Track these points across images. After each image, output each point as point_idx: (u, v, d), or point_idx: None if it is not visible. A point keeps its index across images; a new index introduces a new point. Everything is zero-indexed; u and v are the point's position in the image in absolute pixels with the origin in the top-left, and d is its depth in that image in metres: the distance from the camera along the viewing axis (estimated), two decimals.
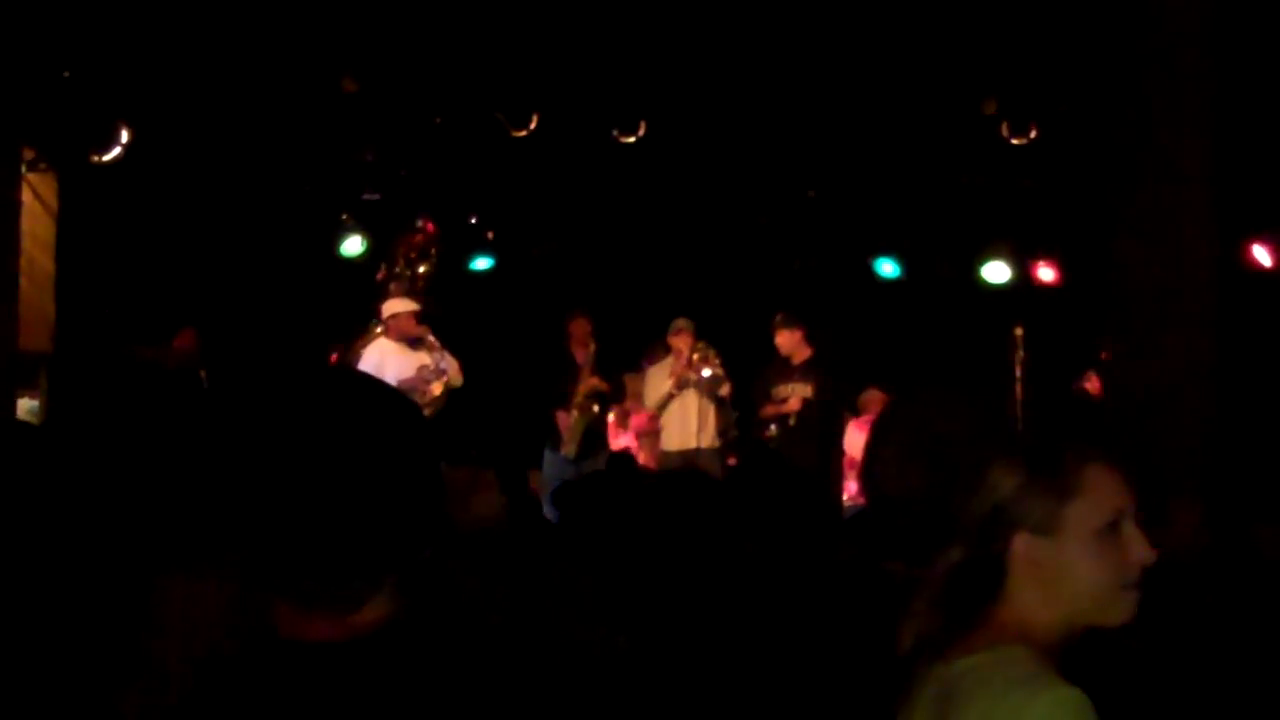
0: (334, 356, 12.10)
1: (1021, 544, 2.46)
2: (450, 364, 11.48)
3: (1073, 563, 2.45)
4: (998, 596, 2.48)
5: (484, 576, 4.09)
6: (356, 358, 11.59)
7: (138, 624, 2.97)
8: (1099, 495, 2.47)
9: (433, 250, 13.15)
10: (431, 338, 11.55)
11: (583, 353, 12.81)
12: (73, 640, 3.28)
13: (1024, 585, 2.46)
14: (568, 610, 4.00)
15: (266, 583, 1.87)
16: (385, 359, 11.33)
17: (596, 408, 12.73)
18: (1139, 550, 2.47)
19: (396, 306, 11.68)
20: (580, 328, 12.86)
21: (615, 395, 13.04)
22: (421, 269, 12.87)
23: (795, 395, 12.42)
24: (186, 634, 2.86)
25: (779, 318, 12.68)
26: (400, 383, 10.90)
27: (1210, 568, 4.78)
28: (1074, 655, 2.46)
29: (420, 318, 11.64)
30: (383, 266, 12.81)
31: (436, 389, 11.32)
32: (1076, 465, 2.49)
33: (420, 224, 13.35)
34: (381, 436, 1.88)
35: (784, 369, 12.58)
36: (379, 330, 11.77)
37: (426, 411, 10.91)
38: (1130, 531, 2.48)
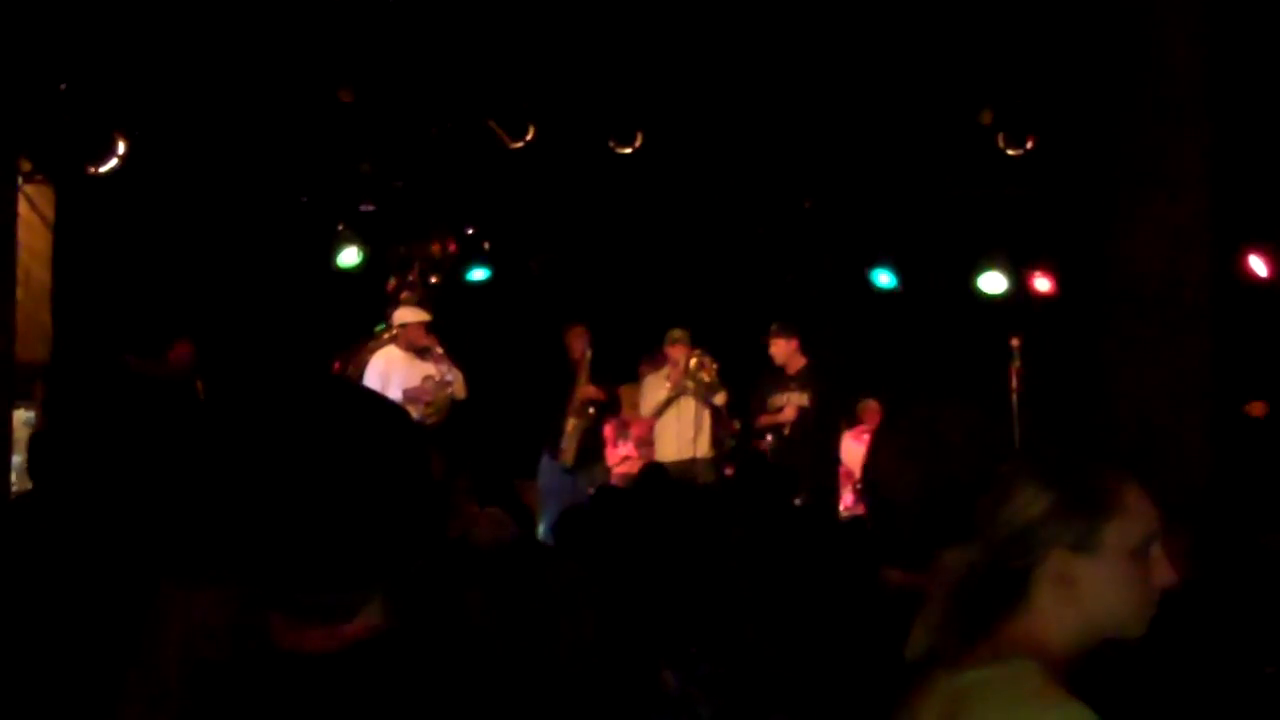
0: (337, 364, 12.13)
1: (1058, 561, 2.45)
2: (456, 376, 11.51)
3: (1106, 581, 2.45)
4: (1015, 610, 2.47)
5: (477, 587, 4.08)
6: (364, 363, 11.61)
7: (137, 635, 2.97)
8: (1135, 516, 2.47)
9: (447, 265, 13.20)
10: (439, 349, 11.57)
11: (580, 362, 12.84)
12: (73, 651, 3.28)
13: (1050, 601, 2.46)
14: (561, 621, 4.00)
15: (260, 593, 1.86)
16: (392, 366, 11.37)
17: (593, 411, 12.75)
18: (1163, 573, 2.48)
19: (408, 316, 11.72)
20: (578, 338, 12.88)
21: (611, 406, 13.05)
22: (433, 280, 12.92)
23: (791, 404, 12.44)
24: (184, 645, 2.86)
25: (774, 327, 12.72)
26: (405, 391, 10.94)
27: (1199, 597, 4.76)
28: (1082, 672, 2.45)
29: (429, 328, 11.68)
30: (394, 276, 12.85)
31: (440, 400, 11.33)
32: (1116, 485, 2.49)
33: (437, 235, 13.38)
34: (375, 448, 1.88)
35: (780, 379, 12.61)
36: (388, 337, 11.79)
37: (429, 422, 10.95)
38: (1157, 554, 2.49)
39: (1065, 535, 2.46)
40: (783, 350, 12.65)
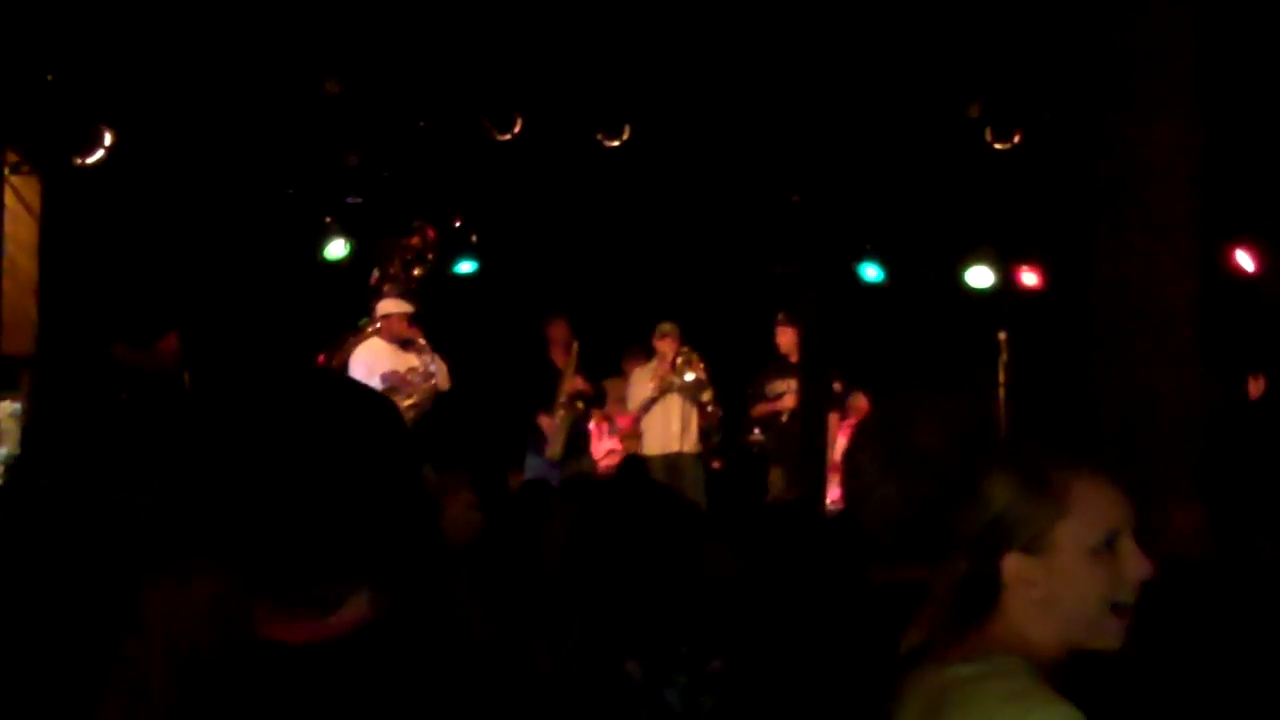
0: (321, 358, 12.10)
1: (1013, 564, 2.41)
2: (439, 368, 11.51)
3: (1065, 583, 2.40)
4: (992, 611, 2.44)
5: (464, 578, 4.08)
6: (347, 356, 11.60)
7: (121, 627, 2.96)
8: (1092, 512, 2.42)
9: (430, 255, 13.18)
10: (422, 340, 11.57)
11: (563, 356, 12.83)
12: (57, 643, 3.27)
13: (1017, 603, 2.42)
14: (548, 613, 4.00)
15: (245, 584, 1.86)
16: (376, 359, 11.38)
17: (581, 405, 12.75)
18: (1136, 566, 2.42)
19: (390, 307, 11.72)
20: (559, 331, 12.89)
21: (597, 399, 13.05)
22: (416, 272, 12.90)
23: (792, 392, 12.46)
24: (169, 636, 2.86)
25: (781, 316, 12.76)
26: (384, 377, 10.96)
27: (1211, 574, 4.76)
28: (1070, 669, 2.43)
29: (412, 320, 11.68)
30: (376, 270, 12.83)
31: (423, 392, 11.33)
32: (1066, 481, 2.43)
33: (417, 226, 13.36)
34: (362, 439, 1.88)
35: (781, 367, 12.63)
36: (371, 330, 11.79)
37: (411, 414, 10.95)
38: (1127, 547, 2.42)
39: (1018, 536, 2.42)
40: (789, 339, 12.69)
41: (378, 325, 11.71)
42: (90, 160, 11.85)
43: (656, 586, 3.74)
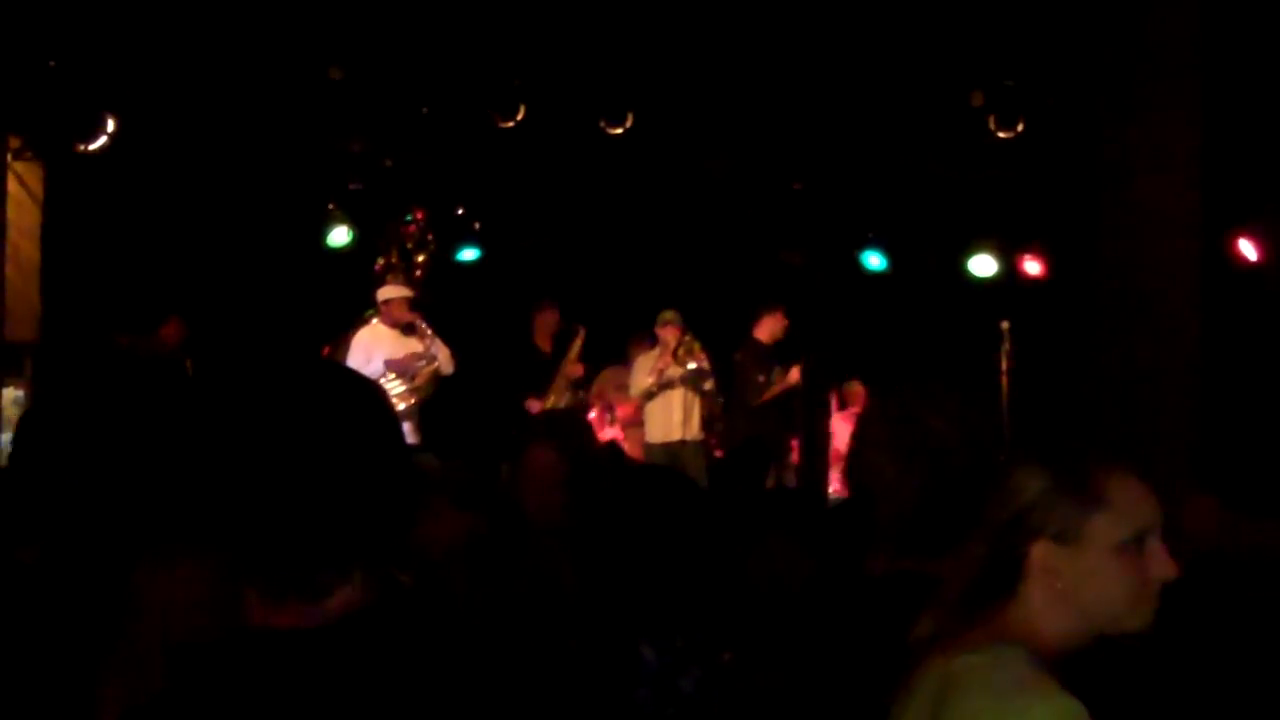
0: (325, 350, 12.13)
1: (1040, 551, 2.44)
2: (441, 352, 11.52)
3: (1091, 575, 2.43)
4: (1009, 598, 2.46)
5: (458, 566, 4.08)
6: (349, 342, 11.63)
7: (119, 611, 2.96)
8: (1124, 509, 2.44)
9: (429, 236, 13.18)
10: (424, 325, 11.59)
11: (549, 342, 12.88)
12: (55, 626, 3.27)
13: (1038, 591, 2.44)
14: (541, 601, 4.01)
15: (238, 570, 1.87)
16: (376, 343, 11.41)
17: (581, 394, 12.77)
18: (1162, 566, 2.45)
19: (390, 291, 11.79)
20: (547, 317, 12.91)
21: (585, 382, 13.11)
22: (420, 258, 12.91)
23: (793, 371, 12.46)
24: (166, 621, 2.86)
25: (765, 304, 12.76)
26: (387, 363, 10.98)
27: (1222, 568, 4.75)
28: (1078, 660, 2.44)
29: (413, 304, 11.70)
30: (380, 258, 12.86)
31: (424, 375, 11.35)
32: (1104, 477, 2.46)
33: (411, 215, 13.36)
34: (354, 427, 1.89)
35: (769, 353, 12.60)
36: (376, 321, 11.83)
37: (412, 398, 10.97)
38: (1154, 547, 2.45)
39: (1049, 525, 2.44)
40: (773, 327, 12.68)
41: (379, 310, 11.76)
42: (93, 146, 11.86)
43: (676, 574, 3.74)
